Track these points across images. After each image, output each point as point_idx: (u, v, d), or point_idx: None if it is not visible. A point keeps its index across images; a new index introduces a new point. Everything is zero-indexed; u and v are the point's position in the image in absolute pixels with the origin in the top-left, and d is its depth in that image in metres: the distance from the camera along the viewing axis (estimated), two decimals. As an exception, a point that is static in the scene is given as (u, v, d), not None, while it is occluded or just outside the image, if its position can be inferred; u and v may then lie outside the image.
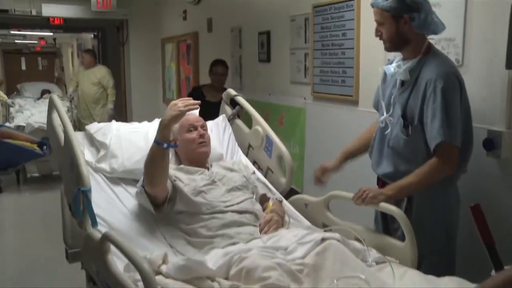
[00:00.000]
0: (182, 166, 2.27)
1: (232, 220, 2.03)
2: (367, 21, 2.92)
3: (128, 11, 6.82)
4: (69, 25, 7.79)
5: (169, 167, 2.25)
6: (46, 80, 13.72)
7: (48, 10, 6.41)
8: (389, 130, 2.06)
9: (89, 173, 1.89)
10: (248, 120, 2.78)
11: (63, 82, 15.37)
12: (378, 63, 2.84)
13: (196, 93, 4.25)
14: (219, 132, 2.72)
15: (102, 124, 2.48)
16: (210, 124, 2.77)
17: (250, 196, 2.21)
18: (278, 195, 2.38)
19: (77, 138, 1.99)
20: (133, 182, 2.30)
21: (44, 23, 7.38)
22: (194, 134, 2.30)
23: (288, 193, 2.57)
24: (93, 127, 2.44)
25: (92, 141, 2.41)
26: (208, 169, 2.30)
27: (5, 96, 6.62)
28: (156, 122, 2.67)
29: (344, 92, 3.15)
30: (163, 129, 1.93)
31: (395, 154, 2.04)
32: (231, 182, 2.23)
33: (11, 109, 6.46)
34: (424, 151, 1.94)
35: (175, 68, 6.47)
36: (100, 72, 6.57)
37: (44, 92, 7.54)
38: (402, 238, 1.92)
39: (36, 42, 15.83)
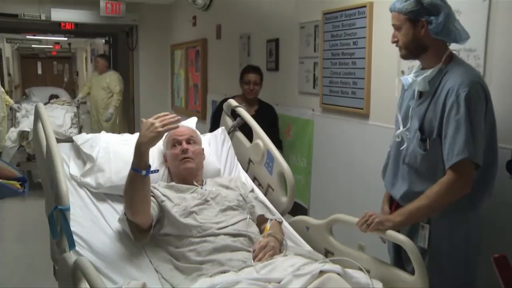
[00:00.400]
0: (173, 183, 2.11)
1: (225, 244, 1.85)
2: (380, 29, 2.73)
3: (138, 17, 6.72)
4: (80, 30, 7.72)
5: (159, 184, 2.09)
6: (60, 85, 13.79)
7: (57, 15, 6.33)
8: (405, 145, 1.86)
9: (68, 191, 1.72)
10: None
11: (77, 87, 15.41)
12: (391, 74, 2.66)
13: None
14: (217, 145, 2.54)
15: (90, 135, 2.31)
16: (208, 136, 2.59)
17: (245, 217, 2.02)
18: (278, 216, 2.18)
19: (59, 152, 1.83)
20: (120, 198, 2.12)
21: (55, 28, 7.33)
22: (177, 150, 2.15)
23: (294, 209, 2.39)
24: (80, 138, 2.27)
25: (79, 153, 2.25)
26: (202, 186, 2.13)
27: (11, 101, 6.53)
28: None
29: (354, 105, 2.96)
30: (139, 155, 1.78)
31: (411, 171, 1.85)
32: (225, 201, 2.05)
33: (17, 114, 6.36)
34: (443, 168, 1.74)
35: (183, 75, 6.33)
36: (111, 77, 6.67)
37: (52, 97, 7.45)
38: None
39: (51, 47, 15.90)
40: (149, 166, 1.80)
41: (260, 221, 2.09)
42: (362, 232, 1.83)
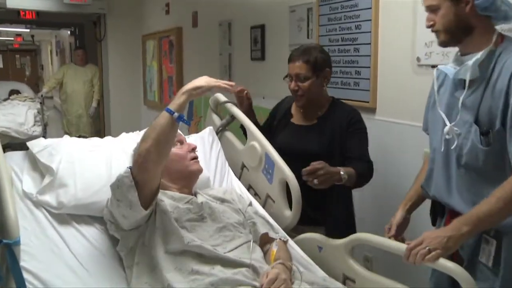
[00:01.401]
0: (166, 191, 1.71)
1: (224, 278, 1.46)
2: (388, 10, 2.38)
3: (106, 5, 6.21)
4: (42, 20, 7.15)
5: None
6: (22, 79, 13.02)
7: (14, 2, 5.72)
8: (455, 144, 1.51)
9: (17, 218, 1.31)
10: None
11: (42, 82, 14.65)
12: (403, 61, 2.31)
13: (285, 112, 2.32)
14: (205, 149, 2.15)
15: (49, 141, 1.88)
16: (193, 138, 2.20)
17: (248, 239, 1.64)
18: (282, 234, 1.82)
19: (5, 163, 1.41)
20: (89, 220, 1.72)
21: (13, 17, 6.74)
22: (183, 149, 1.80)
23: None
24: (37, 145, 1.83)
25: (36, 163, 1.81)
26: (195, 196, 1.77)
27: None
28: (124, 137, 2.10)
29: (358, 97, 2.60)
30: (180, 96, 1.53)
31: (472, 174, 1.51)
32: (223, 219, 1.67)
33: (-29, 112, 5.77)
34: None
35: (156, 67, 5.89)
36: (93, 70, 6.57)
37: (13, 92, 6.85)
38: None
39: (12, 39, 15.06)
40: (183, 114, 1.51)
41: (263, 240, 1.72)
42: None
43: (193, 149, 1.82)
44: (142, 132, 2.18)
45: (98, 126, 6.71)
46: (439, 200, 1.63)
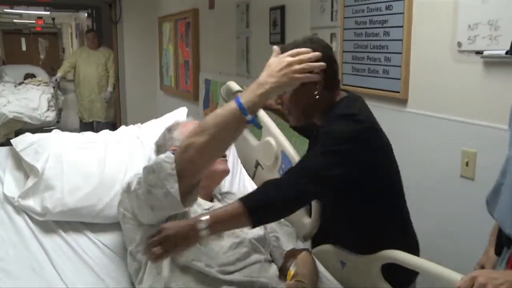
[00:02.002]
0: None
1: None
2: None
3: (121, -14, 5.99)
4: (58, 2, 6.98)
5: None
6: (48, 62, 12.94)
7: (28, -17, 5.57)
8: None
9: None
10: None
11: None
12: (442, 47, 2.02)
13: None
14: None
15: (36, 136, 1.67)
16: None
17: (263, 257, 1.42)
18: (301, 243, 1.59)
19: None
20: (79, 226, 1.51)
21: (31, -1, 6.60)
22: None
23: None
24: (21, 142, 1.63)
25: (20, 162, 1.61)
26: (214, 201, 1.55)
27: None
28: (122, 130, 1.88)
29: (387, 87, 2.32)
30: (260, 95, 1.22)
31: None
32: (240, 233, 1.45)
33: (-15, 96, 5.66)
34: None
35: (172, 51, 5.65)
36: (107, 53, 6.39)
37: (28, 76, 6.72)
38: None
39: (34, 22, 15.01)
40: (255, 116, 1.24)
41: (289, 255, 1.50)
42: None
43: None
44: (144, 125, 1.98)
45: (114, 112, 6.54)
46: (501, 227, 1.30)
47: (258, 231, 1.48)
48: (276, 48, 1.34)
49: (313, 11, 2.93)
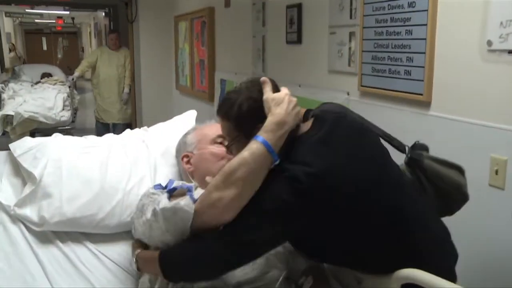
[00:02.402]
0: None
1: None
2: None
3: (137, -16, 5.94)
4: (76, 1, 6.97)
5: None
6: (67, 61, 13.04)
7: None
8: None
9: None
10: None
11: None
12: (468, 46, 1.88)
13: None
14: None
15: (35, 141, 1.58)
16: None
17: (278, 273, 1.31)
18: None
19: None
20: (79, 237, 1.42)
21: (50, -1, 6.60)
22: (222, 149, 1.47)
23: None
24: (20, 147, 1.54)
25: (18, 168, 1.52)
26: None
27: None
28: (127, 134, 1.79)
29: (409, 89, 2.19)
30: (281, 137, 1.17)
31: None
32: None
33: (3, 95, 5.64)
34: None
35: (188, 50, 5.57)
36: (126, 54, 6.34)
37: (44, 75, 6.71)
38: None
39: (54, 21, 15.15)
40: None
41: (303, 272, 1.39)
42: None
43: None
44: (151, 128, 1.88)
45: (130, 113, 6.50)
46: None
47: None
48: (266, 80, 1.26)
49: (331, 9, 2.80)
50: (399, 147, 1.53)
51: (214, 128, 1.53)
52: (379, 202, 1.23)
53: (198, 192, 1.21)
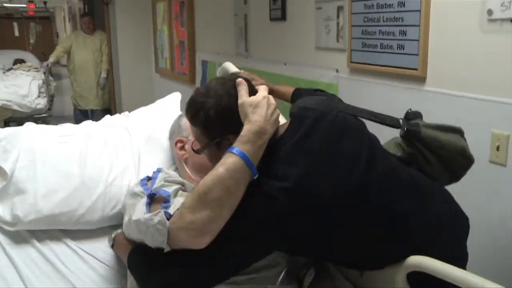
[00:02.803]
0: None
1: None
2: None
3: (111, -37, 5.70)
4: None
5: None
6: (41, 47, 12.61)
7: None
8: None
9: None
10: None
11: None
12: (467, 16, 1.78)
13: None
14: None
15: (6, 131, 1.44)
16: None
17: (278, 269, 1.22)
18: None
19: None
20: (58, 234, 1.30)
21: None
22: None
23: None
24: (-11, 138, 1.40)
25: (-12, 160, 1.39)
26: None
27: None
28: (107, 120, 1.66)
29: (403, 63, 2.09)
30: (261, 147, 1.06)
31: None
32: None
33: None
34: None
35: (167, 32, 5.39)
36: (102, 37, 6.14)
37: (17, 61, 6.45)
38: None
39: (25, 6, 14.64)
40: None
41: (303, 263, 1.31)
42: None
43: None
44: (132, 113, 1.76)
45: (108, 98, 6.32)
46: None
47: None
48: (241, 81, 1.14)
49: (317, -17, 2.68)
50: (393, 124, 1.42)
51: None
52: (368, 200, 1.13)
53: (177, 203, 1.09)
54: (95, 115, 6.18)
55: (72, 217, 1.31)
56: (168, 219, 1.01)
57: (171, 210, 1.05)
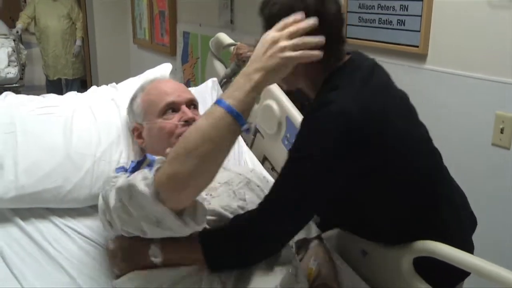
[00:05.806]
0: None
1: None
2: None
3: None
4: None
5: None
6: (9, 12, 11.99)
7: None
8: None
9: None
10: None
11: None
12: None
13: None
14: (206, 108, 1.58)
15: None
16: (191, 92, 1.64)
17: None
18: (315, 228, 1.33)
19: None
20: (43, 211, 1.20)
21: None
22: (174, 119, 1.23)
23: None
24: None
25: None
26: None
27: None
28: (93, 92, 1.54)
29: (403, 40, 2.02)
30: (250, 91, 0.91)
31: None
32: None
33: None
34: None
35: (146, 1, 5.18)
36: (68, 4, 5.86)
37: (-18, 29, 6.09)
38: None
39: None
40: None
41: (301, 245, 1.25)
42: None
43: (190, 121, 1.22)
44: (120, 84, 1.64)
45: (83, 68, 6.09)
46: None
47: None
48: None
49: (311, -48, 2.56)
50: None
51: (164, 88, 1.29)
52: (418, 161, 1.14)
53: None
54: (68, 85, 5.96)
55: (57, 194, 1.19)
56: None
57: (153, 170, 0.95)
